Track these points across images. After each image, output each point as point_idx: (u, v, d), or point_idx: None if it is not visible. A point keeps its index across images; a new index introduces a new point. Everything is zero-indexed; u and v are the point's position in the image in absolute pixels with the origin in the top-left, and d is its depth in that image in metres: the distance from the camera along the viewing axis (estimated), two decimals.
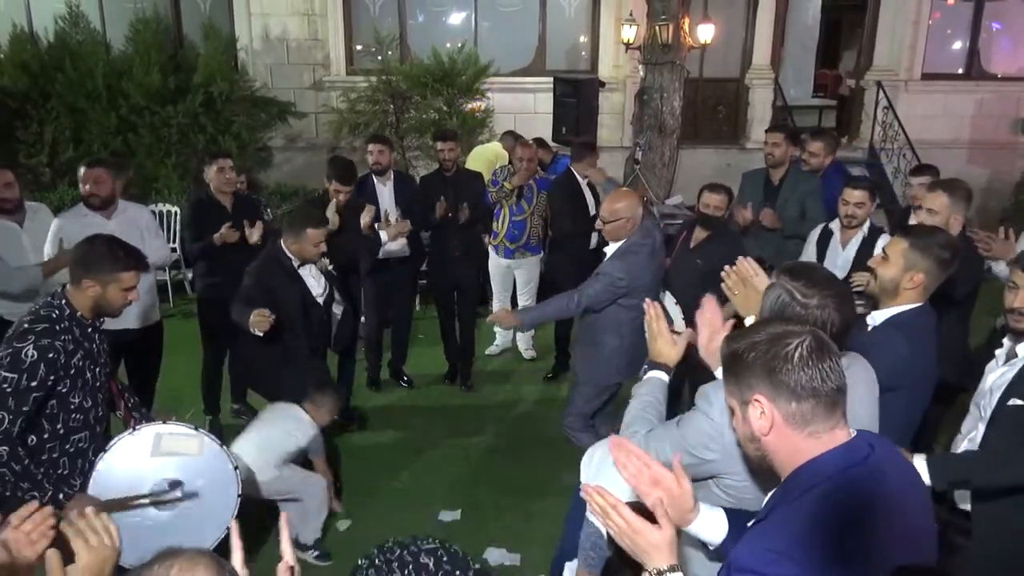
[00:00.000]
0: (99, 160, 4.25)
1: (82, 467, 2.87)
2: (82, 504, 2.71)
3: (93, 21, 8.75)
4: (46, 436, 2.76)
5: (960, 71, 10.58)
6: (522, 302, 6.21)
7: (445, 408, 5.52)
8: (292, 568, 1.41)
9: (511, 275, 6.11)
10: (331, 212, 4.80)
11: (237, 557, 1.38)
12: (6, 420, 2.58)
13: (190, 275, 7.50)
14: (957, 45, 10.58)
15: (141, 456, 2.88)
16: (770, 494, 1.59)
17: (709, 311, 2.26)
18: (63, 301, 2.75)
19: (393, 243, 5.15)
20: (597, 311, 3.93)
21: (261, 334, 3.61)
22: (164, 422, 2.97)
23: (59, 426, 2.77)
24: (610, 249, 3.97)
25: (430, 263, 5.95)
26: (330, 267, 4.13)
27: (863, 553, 1.39)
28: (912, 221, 3.78)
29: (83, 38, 8.40)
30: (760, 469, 1.61)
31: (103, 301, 2.79)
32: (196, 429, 3.01)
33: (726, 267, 2.41)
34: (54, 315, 2.71)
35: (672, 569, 1.51)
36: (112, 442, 2.89)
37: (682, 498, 1.65)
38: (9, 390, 2.57)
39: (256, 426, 3.83)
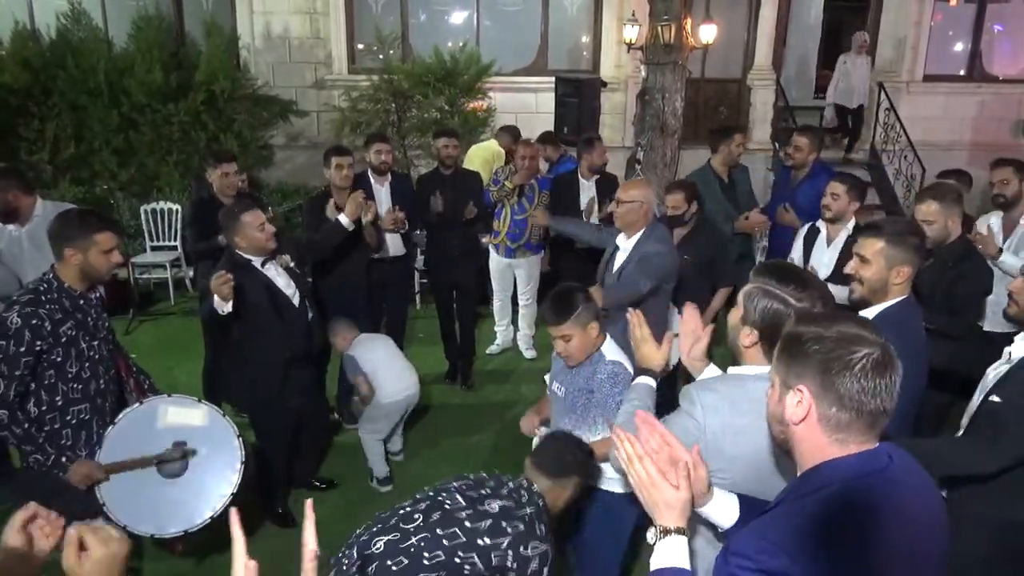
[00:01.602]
0: None
1: (87, 439, 2.96)
2: (85, 469, 2.86)
3: (95, 18, 8.74)
4: (44, 408, 2.85)
5: (962, 73, 10.59)
6: (523, 301, 6.22)
7: (445, 407, 5.53)
8: (317, 556, 1.39)
9: (511, 274, 6.12)
10: (331, 211, 4.82)
11: (240, 548, 1.37)
12: (0, 385, 2.70)
13: (191, 273, 7.53)
14: (959, 47, 10.58)
15: (148, 427, 3.00)
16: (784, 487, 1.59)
17: (691, 319, 2.28)
18: (51, 275, 2.87)
19: (388, 241, 5.17)
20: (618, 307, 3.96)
21: (230, 307, 3.40)
22: (169, 395, 3.11)
23: (58, 397, 2.87)
24: (629, 241, 4.01)
25: (429, 263, 5.95)
26: (291, 264, 3.90)
27: (859, 563, 1.38)
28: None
29: (85, 35, 8.39)
30: (780, 450, 1.60)
31: (88, 267, 2.89)
32: (199, 401, 3.15)
33: (631, 310, 2.45)
34: (41, 287, 2.83)
35: (679, 531, 1.53)
36: (120, 415, 3.01)
37: (697, 482, 1.67)
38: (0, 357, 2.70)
39: (383, 359, 4.24)
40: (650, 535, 1.58)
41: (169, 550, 3.62)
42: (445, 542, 2.27)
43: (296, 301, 3.83)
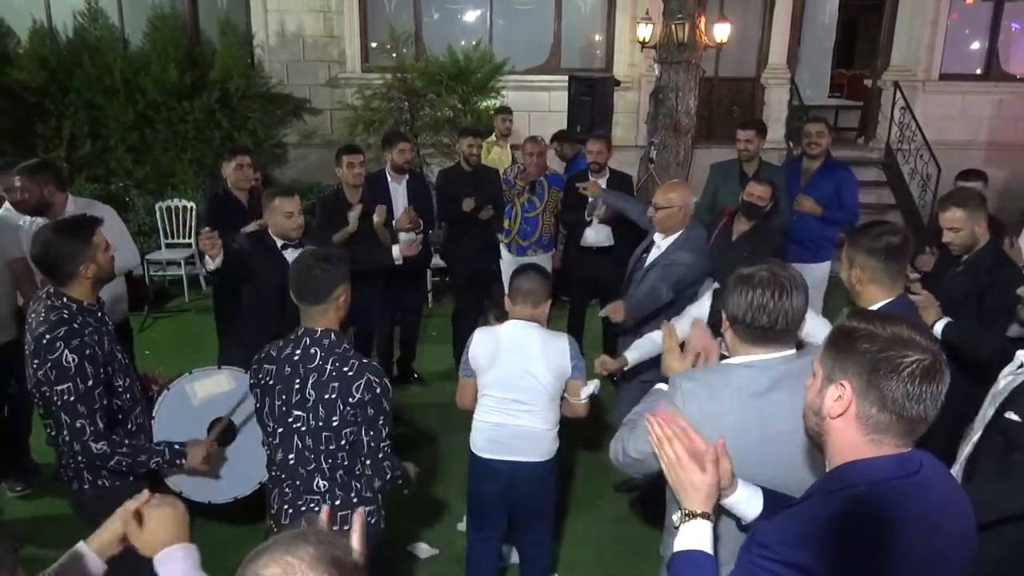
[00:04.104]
0: (25, 168, 4.07)
1: (147, 440, 2.97)
2: (201, 449, 2.89)
3: (111, 17, 8.80)
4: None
5: (978, 71, 10.49)
6: None
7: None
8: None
9: None
10: (352, 219, 4.85)
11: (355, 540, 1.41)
12: (87, 425, 2.62)
13: (205, 270, 7.56)
14: (975, 45, 10.49)
15: (186, 409, 3.03)
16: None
17: (702, 339, 2.33)
18: (63, 300, 2.70)
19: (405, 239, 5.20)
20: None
21: (218, 263, 3.69)
22: (190, 372, 3.11)
23: (117, 413, 2.84)
24: (664, 241, 4.05)
25: (447, 259, 5.97)
26: None
27: (881, 566, 1.37)
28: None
29: (101, 34, 8.45)
30: (812, 443, 1.60)
31: (100, 272, 2.78)
32: (219, 367, 3.18)
33: (664, 322, 2.54)
34: (65, 315, 2.66)
35: (705, 516, 1.57)
36: (155, 408, 3.02)
37: (721, 474, 1.68)
38: (73, 399, 2.60)
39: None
40: (676, 517, 1.61)
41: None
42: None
43: None
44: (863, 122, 11.05)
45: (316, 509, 2.54)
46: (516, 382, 3.14)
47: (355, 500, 2.62)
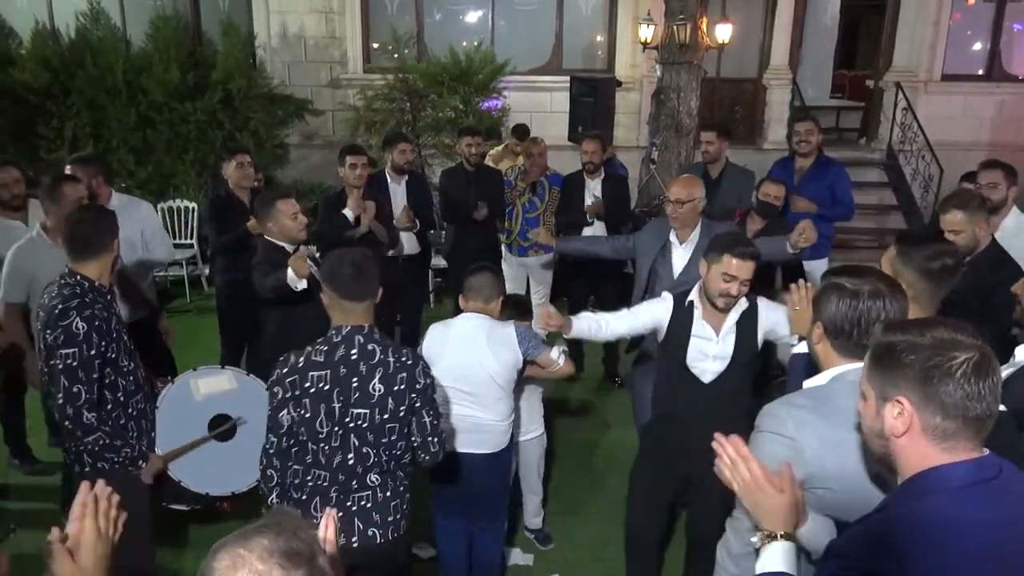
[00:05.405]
0: (77, 158, 4.22)
1: (146, 427, 3.05)
2: (157, 464, 2.99)
3: (113, 18, 8.81)
4: (110, 407, 2.88)
5: (980, 72, 10.48)
6: (536, 300, 6.18)
7: None
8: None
9: (524, 273, 6.11)
10: (349, 214, 4.85)
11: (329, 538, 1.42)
12: (83, 391, 2.72)
13: (207, 271, 7.58)
14: (978, 46, 10.48)
15: (188, 403, 3.13)
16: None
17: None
18: (78, 277, 2.83)
19: (403, 240, 5.22)
20: None
21: (305, 283, 3.57)
22: (194, 369, 3.20)
23: (119, 394, 2.91)
24: (692, 235, 4.00)
25: (449, 259, 5.97)
26: (316, 254, 4.05)
27: (969, 572, 1.34)
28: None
29: (103, 35, 8.46)
30: (881, 463, 1.56)
31: (118, 250, 2.97)
32: (223, 367, 3.27)
33: (792, 285, 2.45)
34: (78, 290, 2.79)
35: (786, 537, 1.53)
36: (159, 398, 3.12)
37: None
38: (76, 364, 2.70)
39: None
40: (755, 539, 1.57)
41: (217, 509, 3.63)
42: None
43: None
44: (865, 123, 11.04)
45: (367, 505, 2.60)
46: (466, 374, 3.20)
47: (401, 489, 2.69)
